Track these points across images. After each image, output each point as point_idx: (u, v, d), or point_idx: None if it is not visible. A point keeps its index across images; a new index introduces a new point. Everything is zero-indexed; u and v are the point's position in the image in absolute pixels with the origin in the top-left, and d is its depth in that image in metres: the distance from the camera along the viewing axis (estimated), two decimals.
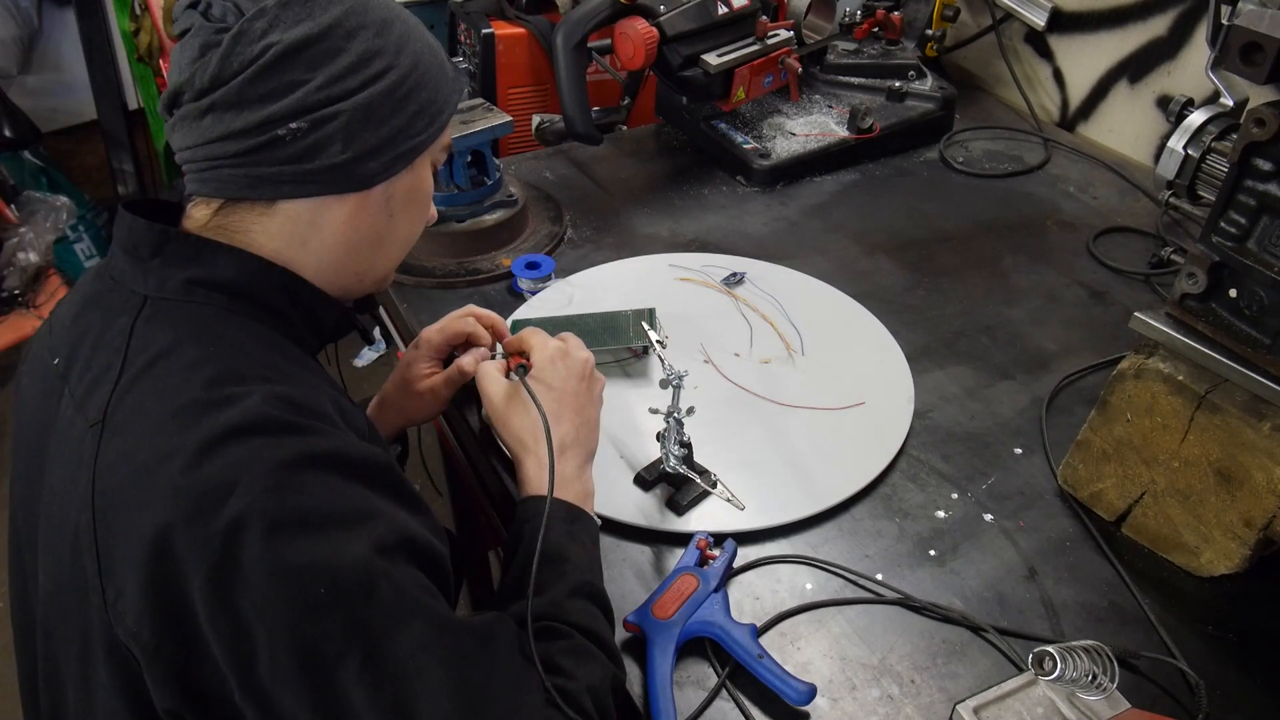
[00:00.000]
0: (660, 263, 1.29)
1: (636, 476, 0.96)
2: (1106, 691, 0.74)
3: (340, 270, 0.79)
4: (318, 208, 0.74)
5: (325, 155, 0.71)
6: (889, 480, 0.99)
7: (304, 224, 0.75)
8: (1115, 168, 1.57)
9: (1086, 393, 1.10)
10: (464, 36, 1.81)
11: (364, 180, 0.75)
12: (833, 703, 0.78)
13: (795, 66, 1.51)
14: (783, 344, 1.16)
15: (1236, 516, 0.84)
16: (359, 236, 0.78)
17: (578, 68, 1.32)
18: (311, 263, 0.77)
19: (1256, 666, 0.82)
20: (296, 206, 0.74)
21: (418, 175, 0.80)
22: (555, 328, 0.98)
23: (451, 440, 1.24)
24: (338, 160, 0.72)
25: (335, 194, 0.74)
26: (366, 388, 2.75)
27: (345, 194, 0.75)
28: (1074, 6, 1.65)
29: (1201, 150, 1.01)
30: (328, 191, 0.74)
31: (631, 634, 0.81)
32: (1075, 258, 1.36)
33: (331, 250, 0.77)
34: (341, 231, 0.76)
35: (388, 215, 0.79)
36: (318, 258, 0.77)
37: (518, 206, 1.32)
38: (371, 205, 0.77)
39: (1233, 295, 0.83)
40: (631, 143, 1.64)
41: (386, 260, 0.83)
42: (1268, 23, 0.79)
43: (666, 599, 0.81)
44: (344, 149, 0.72)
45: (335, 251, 0.77)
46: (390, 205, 0.78)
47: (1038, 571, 0.90)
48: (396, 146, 0.75)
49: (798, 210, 1.46)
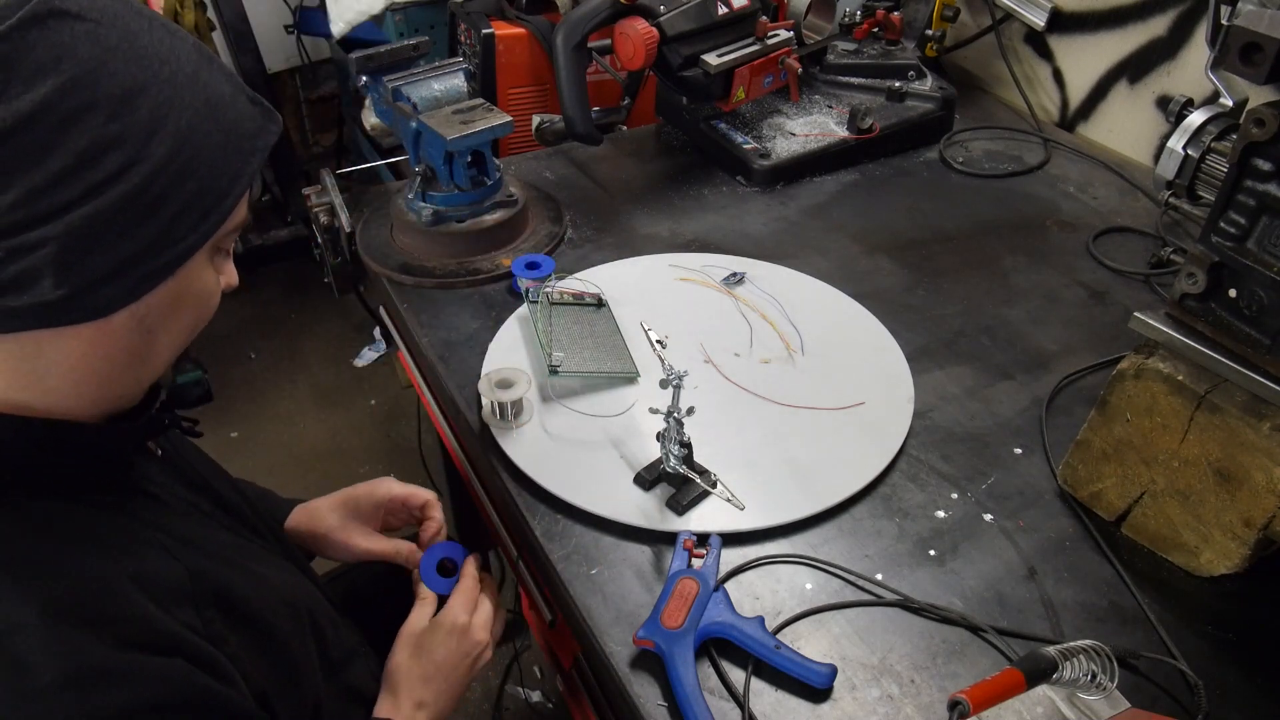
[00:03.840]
0: (660, 263, 1.29)
1: (636, 476, 0.96)
2: (1106, 691, 0.74)
3: (100, 399, 0.65)
4: (37, 340, 0.59)
5: (32, 292, 0.55)
6: (889, 480, 0.99)
7: (30, 359, 0.59)
8: (1115, 168, 1.57)
9: (1086, 393, 1.10)
10: (464, 36, 1.81)
11: (96, 311, 0.59)
12: (833, 703, 0.78)
13: (795, 66, 1.51)
14: (783, 344, 1.16)
15: (1236, 516, 0.84)
16: (109, 364, 0.62)
17: (578, 68, 1.32)
18: (58, 401, 0.62)
19: (1256, 666, 0.82)
20: (10, 341, 0.58)
21: (187, 279, 0.64)
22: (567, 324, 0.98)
23: (451, 440, 1.24)
24: (50, 298, 0.55)
25: (56, 327, 0.58)
26: (367, 387, 2.76)
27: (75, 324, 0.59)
28: (1074, 6, 1.65)
29: (1201, 150, 1.01)
30: (43, 326, 0.57)
31: (643, 648, 0.80)
32: (1075, 258, 1.36)
33: (76, 384, 0.62)
34: (82, 363, 0.61)
35: (144, 333, 0.63)
36: (63, 394, 0.62)
37: (518, 206, 1.32)
38: (116, 330, 0.61)
39: (1232, 295, 0.83)
40: (631, 143, 1.64)
41: (156, 371, 0.68)
42: (1267, 23, 0.79)
43: (672, 608, 0.81)
44: (57, 284, 0.55)
45: (82, 385, 0.62)
46: (146, 323, 0.63)
47: (1037, 571, 0.90)
48: (144, 264, 0.59)
49: (798, 210, 1.46)
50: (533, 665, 2.04)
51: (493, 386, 1.00)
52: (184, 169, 0.58)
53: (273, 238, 3.06)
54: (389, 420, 2.65)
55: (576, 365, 1.07)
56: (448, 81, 1.27)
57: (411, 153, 1.28)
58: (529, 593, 1.08)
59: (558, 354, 1.05)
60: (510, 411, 1.01)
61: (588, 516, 0.92)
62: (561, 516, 0.93)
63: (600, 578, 0.87)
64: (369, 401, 2.72)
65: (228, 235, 0.66)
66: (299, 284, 3.13)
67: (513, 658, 2.02)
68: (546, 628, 1.04)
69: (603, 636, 0.82)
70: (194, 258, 0.62)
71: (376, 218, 1.36)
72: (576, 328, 1.13)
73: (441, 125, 1.20)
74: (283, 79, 3.24)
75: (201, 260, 0.64)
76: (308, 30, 2.91)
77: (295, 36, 2.97)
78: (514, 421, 1.01)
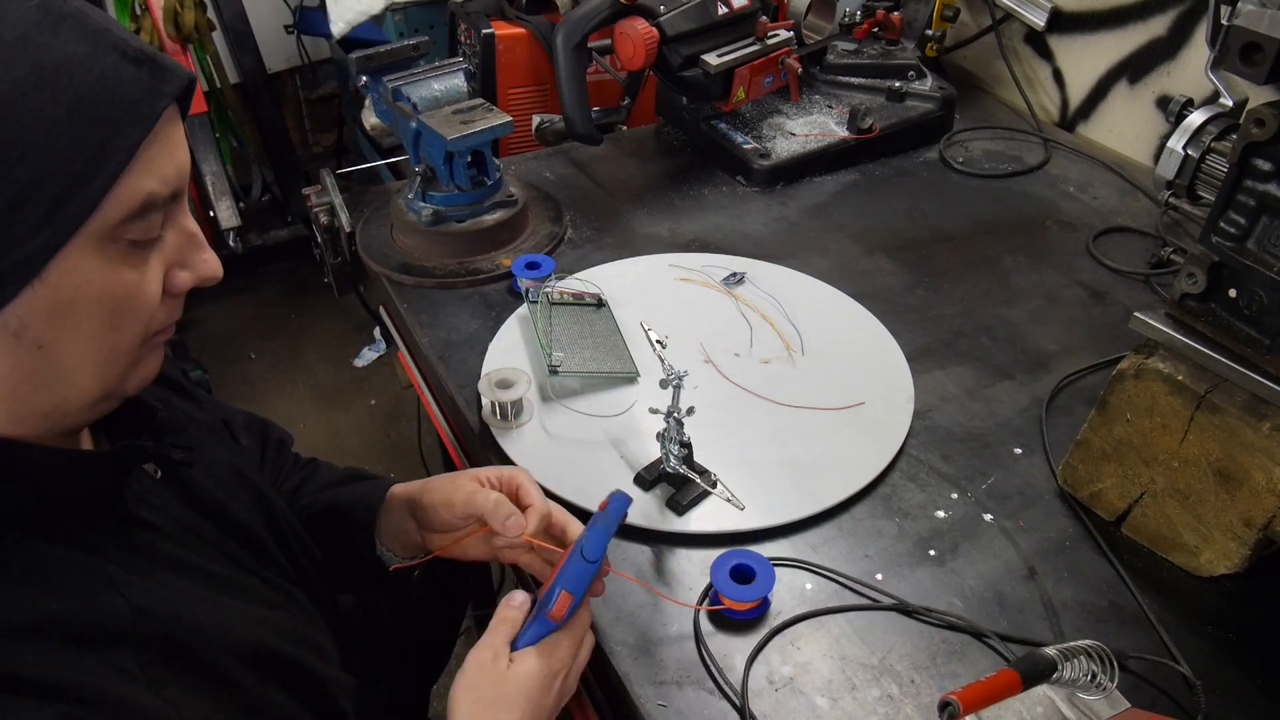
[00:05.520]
0: (660, 263, 1.29)
1: (636, 476, 0.96)
2: (1106, 691, 0.74)
3: (27, 419, 0.59)
4: None
5: None
6: (889, 480, 0.99)
7: None
8: (1115, 168, 1.57)
9: (1086, 393, 1.10)
10: (464, 36, 1.81)
11: None
12: (833, 702, 0.78)
13: (795, 66, 1.51)
14: (783, 344, 1.16)
15: (1236, 516, 0.84)
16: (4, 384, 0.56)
17: (578, 68, 1.32)
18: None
19: (1256, 666, 0.82)
20: None
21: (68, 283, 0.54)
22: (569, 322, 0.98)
23: (451, 440, 1.24)
24: None
25: None
26: (367, 388, 2.76)
27: None
28: (1074, 6, 1.65)
29: (1201, 150, 1.01)
30: None
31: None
32: (1075, 258, 1.36)
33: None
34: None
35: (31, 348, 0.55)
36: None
37: (518, 206, 1.32)
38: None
39: (1232, 295, 0.83)
40: (631, 143, 1.64)
41: (85, 387, 0.59)
42: (1267, 23, 0.79)
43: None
44: None
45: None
46: (26, 337, 0.54)
47: (1037, 571, 0.90)
48: None
49: (798, 210, 1.46)
50: None
51: (493, 386, 1.00)
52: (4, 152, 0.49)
53: (273, 238, 3.06)
54: (389, 420, 2.65)
55: (576, 365, 1.07)
56: (448, 81, 1.27)
57: (411, 153, 1.28)
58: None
59: (558, 354, 1.05)
60: (510, 411, 1.01)
61: (588, 516, 0.92)
62: None
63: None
64: (369, 401, 2.72)
65: (127, 223, 0.55)
66: (299, 284, 3.13)
67: None
68: None
69: (602, 636, 0.83)
70: (65, 256, 0.53)
71: (376, 218, 1.36)
72: (576, 328, 1.13)
73: (441, 125, 1.20)
74: (283, 79, 3.24)
75: (84, 257, 0.54)
76: (308, 30, 2.92)
77: (295, 36, 2.97)
78: (514, 421, 1.01)
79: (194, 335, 2.87)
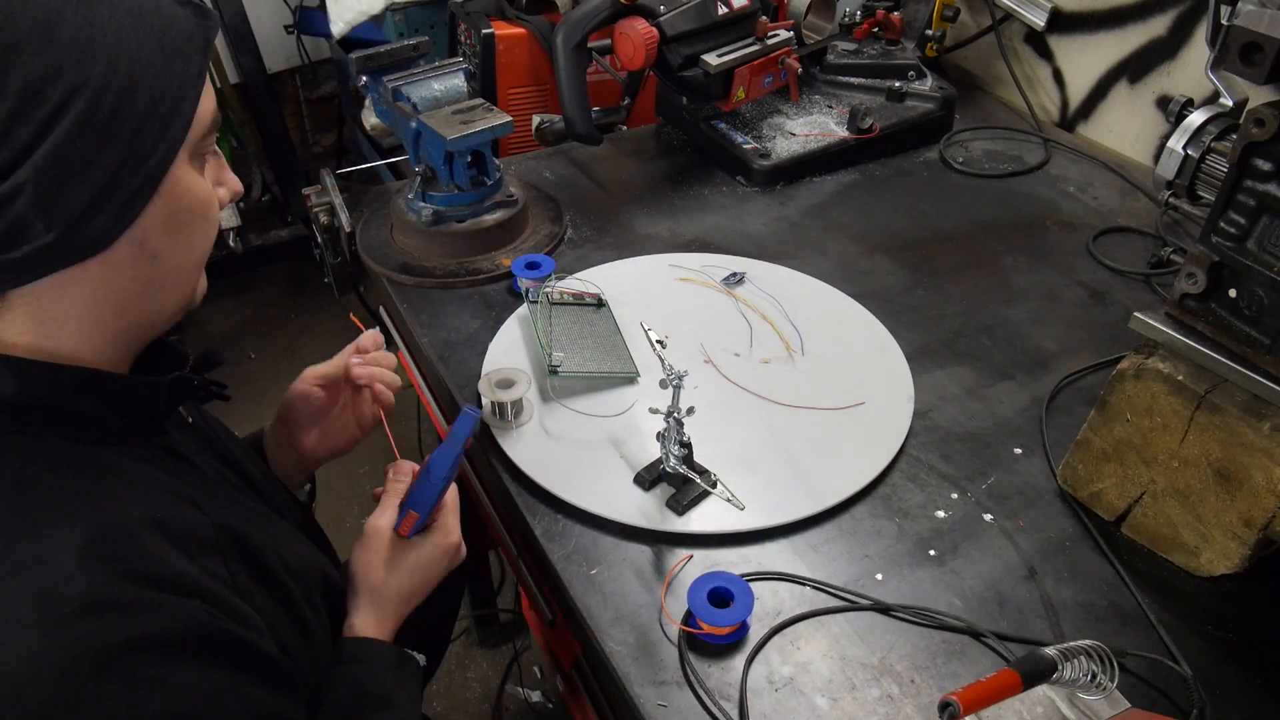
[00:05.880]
0: (660, 263, 1.29)
1: (636, 476, 0.96)
2: (1106, 691, 0.74)
3: (121, 335, 0.67)
4: (53, 287, 0.61)
5: (28, 239, 0.57)
6: (889, 480, 0.99)
7: (49, 306, 0.62)
8: (1115, 168, 1.57)
9: (1086, 393, 1.10)
10: (464, 36, 1.81)
11: (95, 244, 0.60)
12: (833, 702, 0.78)
13: (795, 66, 1.51)
14: (783, 344, 1.16)
15: (1236, 516, 0.84)
16: (123, 296, 0.64)
17: (578, 68, 1.32)
18: (83, 343, 0.64)
19: (1256, 666, 0.82)
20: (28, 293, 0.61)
21: (175, 193, 0.64)
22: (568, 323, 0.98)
23: None
24: (47, 241, 0.57)
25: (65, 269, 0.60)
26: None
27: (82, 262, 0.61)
28: (1074, 6, 1.65)
29: (1201, 150, 1.01)
30: (55, 270, 0.60)
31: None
32: (1075, 258, 1.36)
33: (97, 323, 0.64)
34: (98, 301, 0.63)
35: (149, 259, 0.64)
36: (85, 336, 0.64)
37: (518, 206, 1.32)
38: (121, 260, 0.62)
39: (1232, 295, 0.83)
40: (631, 143, 1.64)
41: (177, 294, 0.69)
42: (1267, 23, 0.79)
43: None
44: (48, 227, 0.57)
45: (102, 323, 0.64)
46: (149, 248, 0.63)
47: (1037, 571, 0.90)
48: (123, 186, 0.59)
49: (798, 210, 1.46)
50: (533, 665, 2.04)
51: (493, 386, 1.01)
52: (128, 83, 0.58)
53: (273, 238, 3.06)
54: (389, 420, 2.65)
55: (576, 365, 1.07)
56: (448, 81, 1.27)
57: (411, 153, 1.28)
58: (529, 592, 1.08)
59: (558, 354, 1.05)
60: (510, 411, 1.01)
61: (588, 516, 0.92)
62: (561, 516, 0.93)
63: (600, 578, 0.87)
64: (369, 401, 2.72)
65: (203, 139, 0.65)
66: (299, 284, 3.12)
67: (513, 658, 2.02)
68: (546, 627, 1.04)
69: (602, 636, 0.82)
70: (173, 168, 0.62)
71: (376, 218, 1.36)
72: (576, 328, 1.13)
73: (441, 125, 1.20)
74: (283, 79, 3.24)
75: (183, 169, 0.64)
76: (308, 30, 2.91)
77: (295, 36, 2.97)
78: (514, 421, 1.02)
79: (194, 335, 2.87)
